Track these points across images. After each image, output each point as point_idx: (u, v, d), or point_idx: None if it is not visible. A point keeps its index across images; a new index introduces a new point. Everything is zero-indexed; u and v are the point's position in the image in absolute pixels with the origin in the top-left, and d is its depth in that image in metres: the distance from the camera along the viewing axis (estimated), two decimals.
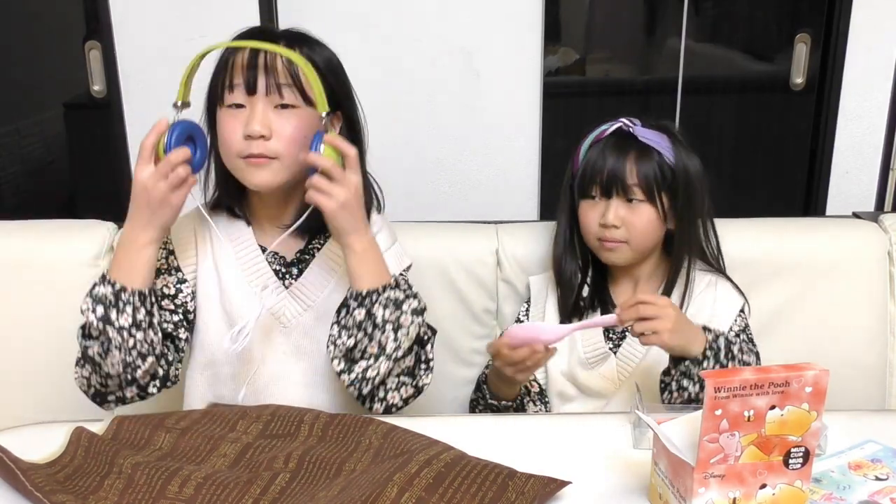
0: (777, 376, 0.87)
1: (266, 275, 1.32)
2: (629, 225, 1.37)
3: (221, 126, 1.25)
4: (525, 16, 2.06)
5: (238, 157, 1.24)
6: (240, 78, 1.22)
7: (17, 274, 1.53)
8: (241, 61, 1.22)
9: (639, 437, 1.09)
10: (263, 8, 2.01)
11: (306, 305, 1.31)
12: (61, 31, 2.23)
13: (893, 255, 1.57)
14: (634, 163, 1.36)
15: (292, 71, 1.22)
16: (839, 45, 2.07)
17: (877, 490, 0.99)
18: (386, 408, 1.24)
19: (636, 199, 1.36)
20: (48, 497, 0.95)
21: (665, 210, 1.37)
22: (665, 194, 1.37)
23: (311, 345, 1.31)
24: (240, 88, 1.22)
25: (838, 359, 1.49)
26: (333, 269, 1.32)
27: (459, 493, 0.94)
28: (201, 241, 1.34)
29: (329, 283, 1.32)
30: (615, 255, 1.40)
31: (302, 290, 1.32)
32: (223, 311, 1.31)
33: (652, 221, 1.37)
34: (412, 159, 2.17)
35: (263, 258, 1.32)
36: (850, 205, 2.14)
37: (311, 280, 1.32)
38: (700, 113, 2.22)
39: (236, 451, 1.06)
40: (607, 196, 1.37)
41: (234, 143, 1.23)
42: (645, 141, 1.37)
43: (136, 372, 1.23)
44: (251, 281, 1.31)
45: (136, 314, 1.20)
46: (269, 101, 1.22)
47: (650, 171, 1.36)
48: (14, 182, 2.38)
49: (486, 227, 1.62)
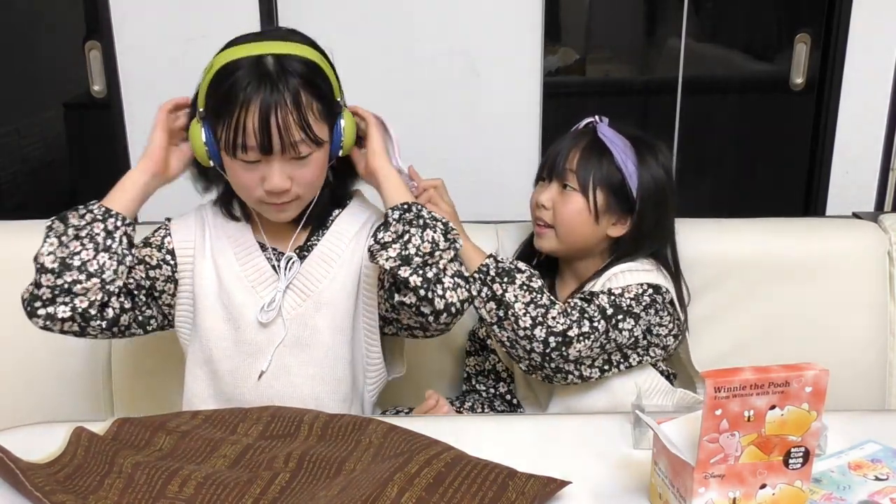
0: (777, 376, 0.87)
1: (265, 271, 1.32)
2: (557, 210, 1.39)
3: (235, 173, 1.25)
4: (525, 16, 2.06)
5: (259, 202, 1.27)
6: (253, 141, 1.20)
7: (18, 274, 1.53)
8: (253, 125, 1.19)
9: (639, 437, 1.09)
10: (263, 8, 2.01)
11: (305, 296, 1.32)
12: (61, 31, 2.23)
13: (893, 255, 1.57)
14: (579, 152, 1.37)
15: (303, 121, 1.21)
16: (839, 45, 2.07)
17: (877, 490, 0.99)
18: (446, 306, 1.21)
19: (570, 185, 1.37)
20: (48, 497, 0.95)
21: (597, 208, 1.37)
22: (602, 192, 1.36)
23: (310, 336, 1.31)
24: (254, 150, 1.21)
25: (838, 359, 1.48)
26: (333, 260, 1.33)
27: (459, 493, 0.94)
28: (200, 239, 1.35)
29: (328, 274, 1.32)
30: (542, 241, 1.43)
31: (301, 281, 1.32)
32: (222, 307, 1.32)
33: (580, 213, 1.37)
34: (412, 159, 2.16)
35: (262, 255, 1.33)
36: (850, 205, 2.14)
37: (309, 270, 1.32)
38: (700, 113, 2.22)
39: (236, 451, 1.06)
40: (549, 178, 1.40)
41: (255, 190, 1.25)
42: (601, 138, 1.37)
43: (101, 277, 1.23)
44: (250, 276, 1.32)
45: (112, 232, 1.26)
46: (285, 156, 1.23)
47: (591, 164, 1.36)
48: (14, 182, 2.38)
49: (486, 227, 1.62)
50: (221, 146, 1.24)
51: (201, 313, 1.33)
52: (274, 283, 1.31)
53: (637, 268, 1.39)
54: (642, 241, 1.40)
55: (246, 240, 1.34)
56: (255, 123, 1.19)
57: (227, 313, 1.31)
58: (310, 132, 1.22)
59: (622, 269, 1.39)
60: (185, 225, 1.36)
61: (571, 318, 1.28)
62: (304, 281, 1.32)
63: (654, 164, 1.38)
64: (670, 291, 1.40)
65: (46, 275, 1.24)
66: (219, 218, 1.36)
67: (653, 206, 1.38)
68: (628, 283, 1.36)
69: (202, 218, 1.36)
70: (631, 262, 1.40)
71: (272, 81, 1.19)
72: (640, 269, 1.39)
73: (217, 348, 1.32)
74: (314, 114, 1.22)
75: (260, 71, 1.19)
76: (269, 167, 1.22)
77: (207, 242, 1.34)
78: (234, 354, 1.31)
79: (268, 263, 1.33)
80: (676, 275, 1.45)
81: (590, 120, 1.42)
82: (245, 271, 1.32)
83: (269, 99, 1.18)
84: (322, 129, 1.25)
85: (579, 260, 1.44)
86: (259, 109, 1.18)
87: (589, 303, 1.32)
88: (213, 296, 1.33)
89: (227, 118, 1.20)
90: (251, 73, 1.19)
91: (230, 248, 1.33)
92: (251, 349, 1.31)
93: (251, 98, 1.18)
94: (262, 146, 1.20)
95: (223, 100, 1.20)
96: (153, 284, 1.33)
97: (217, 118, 1.22)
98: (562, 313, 1.28)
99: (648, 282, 1.37)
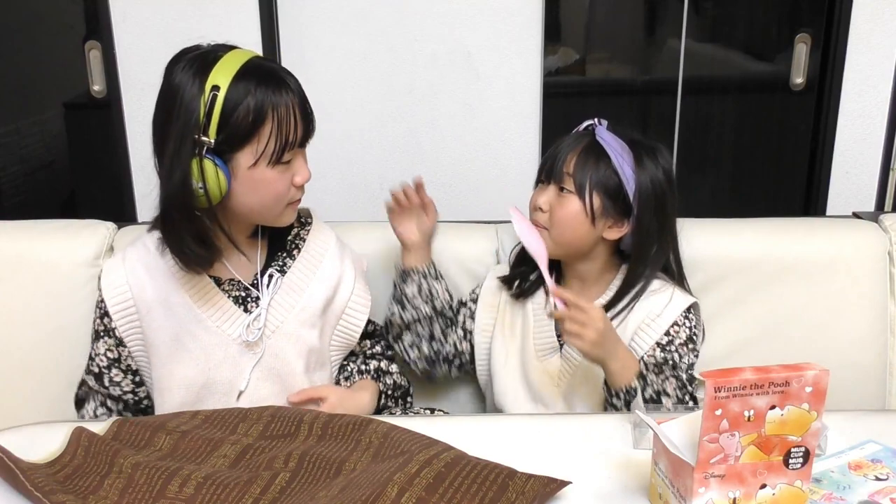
0: (777, 376, 0.87)
1: (224, 306, 1.30)
2: (553, 212, 1.38)
3: (270, 183, 1.23)
4: (525, 16, 2.06)
5: (284, 205, 1.28)
6: (301, 133, 1.23)
7: (17, 274, 1.53)
8: (296, 118, 1.21)
9: (639, 437, 1.09)
10: (263, 8, 2.01)
11: (273, 327, 1.32)
12: (61, 31, 2.23)
13: (893, 255, 1.57)
14: (577, 155, 1.37)
15: (306, 106, 1.24)
16: (839, 45, 2.07)
17: (877, 490, 0.99)
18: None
19: (566, 188, 1.37)
20: (48, 497, 0.95)
21: (593, 210, 1.36)
22: (599, 196, 1.36)
23: (283, 366, 1.32)
24: (294, 146, 1.23)
25: (838, 359, 1.49)
26: (302, 290, 1.33)
27: (459, 494, 0.94)
28: (139, 290, 1.31)
29: (297, 305, 1.33)
30: None
31: (270, 313, 1.31)
32: (185, 352, 1.30)
33: (576, 216, 1.37)
34: (412, 159, 2.17)
35: (218, 290, 1.31)
36: (850, 205, 2.14)
37: (278, 302, 1.32)
38: (700, 113, 2.22)
39: (236, 451, 1.06)
40: (547, 180, 1.40)
41: (286, 192, 1.26)
42: (600, 141, 1.37)
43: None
44: (211, 315, 1.30)
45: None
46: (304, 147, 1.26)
47: (589, 167, 1.36)
48: (14, 182, 2.38)
49: (486, 227, 1.62)
50: (254, 163, 1.20)
51: (161, 360, 1.31)
52: (237, 317, 1.30)
53: (663, 291, 1.41)
54: (646, 245, 1.40)
55: (195, 277, 1.29)
56: (299, 115, 1.21)
57: (191, 354, 1.30)
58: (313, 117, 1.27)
59: (655, 301, 1.39)
60: (116, 286, 1.32)
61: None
62: (271, 313, 1.31)
63: (652, 167, 1.38)
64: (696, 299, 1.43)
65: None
66: (156, 256, 1.30)
67: (651, 210, 1.38)
68: (673, 320, 1.38)
69: (134, 263, 1.32)
70: (654, 288, 1.40)
71: (284, 75, 1.22)
72: (665, 291, 1.41)
73: (188, 391, 1.31)
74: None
75: (269, 72, 1.21)
76: (297, 161, 1.25)
77: (147, 291, 1.31)
78: (205, 394, 1.31)
79: (226, 298, 1.31)
80: (680, 278, 1.45)
81: (589, 122, 1.42)
82: (205, 310, 1.30)
83: (298, 90, 1.22)
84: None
85: (579, 262, 1.44)
86: (298, 101, 1.21)
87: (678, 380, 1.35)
88: (173, 342, 1.30)
89: (265, 128, 1.18)
90: (266, 77, 1.20)
91: (182, 290, 1.29)
92: (223, 386, 1.30)
93: (286, 95, 1.20)
94: (304, 135, 1.23)
95: (256, 115, 1.18)
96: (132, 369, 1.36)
97: (245, 139, 1.19)
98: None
99: (687, 308, 1.40)
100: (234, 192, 1.23)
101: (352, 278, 1.39)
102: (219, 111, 1.16)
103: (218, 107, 1.16)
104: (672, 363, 1.37)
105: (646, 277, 1.40)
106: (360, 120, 2.11)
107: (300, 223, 1.40)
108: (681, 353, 1.38)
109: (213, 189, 1.20)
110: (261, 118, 1.18)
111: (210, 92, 1.16)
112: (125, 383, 1.36)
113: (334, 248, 1.39)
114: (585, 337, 1.25)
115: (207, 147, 1.17)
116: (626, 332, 1.39)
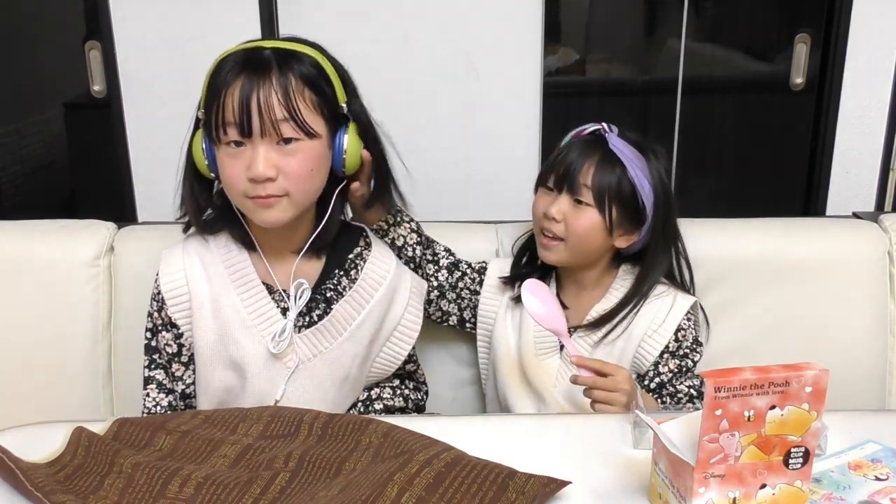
0: (777, 376, 0.87)
1: (271, 315, 1.28)
2: (570, 224, 1.36)
3: (222, 165, 1.21)
4: (525, 16, 2.06)
5: (244, 197, 1.21)
6: (232, 117, 1.17)
7: (17, 274, 1.53)
8: (233, 102, 1.16)
9: (639, 437, 1.09)
10: (263, 8, 2.01)
11: (316, 351, 1.29)
12: (61, 31, 2.23)
13: (893, 255, 1.57)
14: (594, 165, 1.35)
15: (289, 103, 1.17)
16: (839, 45, 2.07)
17: (877, 490, 0.99)
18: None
19: (584, 201, 1.35)
20: (48, 497, 0.95)
21: (612, 222, 1.35)
22: (616, 207, 1.35)
23: (317, 391, 1.29)
24: (233, 128, 1.17)
25: (838, 359, 1.49)
26: (353, 318, 1.30)
27: (459, 494, 0.94)
28: (195, 283, 1.29)
29: (344, 332, 1.30)
30: (551, 254, 1.40)
31: (315, 336, 1.29)
32: (227, 356, 1.28)
33: (594, 228, 1.36)
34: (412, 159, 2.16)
35: (269, 298, 1.28)
36: (850, 205, 2.14)
37: (327, 327, 1.29)
38: (700, 113, 2.22)
39: (236, 451, 1.06)
40: (559, 189, 1.37)
41: (239, 183, 1.19)
42: (613, 149, 1.36)
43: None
44: (258, 324, 1.27)
45: None
46: (269, 139, 1.18)
47: (606, 178, 1.34)
48: (14, 182, 2.38)
49: (486, 227, 1.62)
50: (210, 132, 1.20)
51: (205, 363, 1.29)
52: (282, 330, 1.27)
53: (666, 295, 1.41)
54: (658, 251, 1.40)
55: (248, 279, 1.28)
56: (234, 100, 1.16)
57: (233, 363, 1.28)
58: (297, 115, 1.17)
59: (658, 307, 1.40)
60: (174, 278, 1.29)
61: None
62: (317, 336, 1.29)
63: (656, 171, 1.38)
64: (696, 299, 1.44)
65: None
66: (213, 249, 1.29)
67: (661, 215, 1.38)
68: (678, 325, 1.39)
69: (193, 256, 1.30)
70: (657, 293, 1.41)
71: (259, 64, 1.18)
72: (668, 295, 1.41)
73: (221, 402, 1.29)
74: (305, 101, 1.19)
75: (249, 56, 1.19)
76: (254, 152, 1.18)
77: (204, 286, 1.28)
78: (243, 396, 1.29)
79: (276, 308, 1.28)
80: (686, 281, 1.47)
81: (596, 127, 1.40)
82: (252, 317, 1.27)
83: (253, 76, 1.16)
84: (316, 121, 1.20)
85: (581, 269, 1.44)
86: (241, 86, 1.16)
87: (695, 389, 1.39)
88: (216, 345, 1.28)
89: (214, 103, 1.18)
90: (241, 58, 1.19)
91: (233, 290, 1.27)
92: (252, 402, 1.27)
93: (235, 77, 1.17)
94: (241, 124, 1.16)
95: (213, 88, 1.19)
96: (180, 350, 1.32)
97: (208, 112, 1.20)
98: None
99: (689, 309, 1.40)
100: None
101: (404, 302, 1.35)
102: (205, 87, 1.21)
103: (205, 83, 1.21)
104: (686, 369, 1.38)
105: (652, 282, 1.41)
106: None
107: (365, 243, 1.36)
108: (692, 357, 1.40)
109: (198, 162, 1.25)
110: (217, 88, 1.18)
111: (211, 70, 1.22)
112: (187, 376, 1.32)
113: (391, 277, 1.34)
114: (615, 402, 1.26)
115: (199, 120, 1.23)
116: (630, 340, 1.39)
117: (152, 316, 1.32)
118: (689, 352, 1.40)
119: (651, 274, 1.41)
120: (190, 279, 1.29)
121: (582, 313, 1.43)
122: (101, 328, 1.53)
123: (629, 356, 1.39)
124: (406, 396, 1.43)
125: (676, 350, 1.39)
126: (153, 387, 1.33)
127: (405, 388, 1.44)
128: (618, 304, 1.40)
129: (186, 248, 1.31)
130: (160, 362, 1.33)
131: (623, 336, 1.39)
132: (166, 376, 1.33)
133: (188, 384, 1.33)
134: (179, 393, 1.33)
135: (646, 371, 1.39)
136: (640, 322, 1.39)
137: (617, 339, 1.40)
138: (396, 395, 1.42)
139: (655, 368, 1.38)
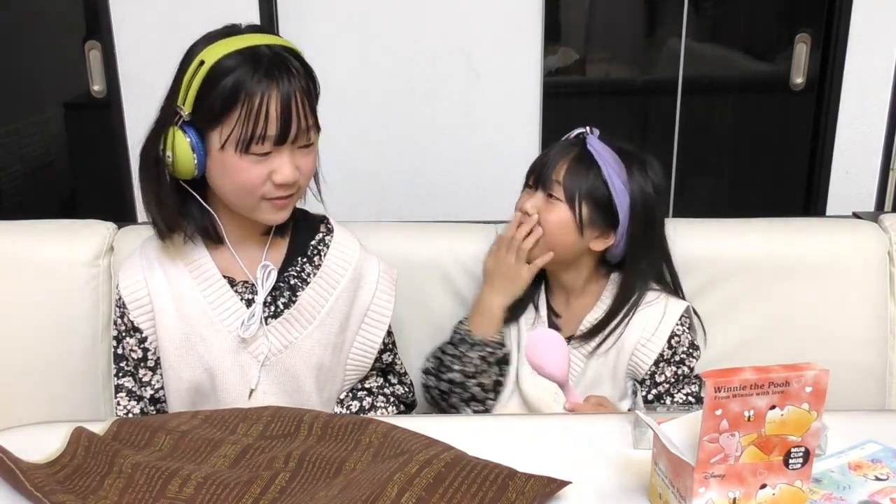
0: (777, 376, 0.87)
1: (236, 308, 1.28)
2: (542, 219, 1.38)
3: (237, 170, 1.20)
4: (525, 16, 2.06)
5: (260, 199, 1.22)
6: (274, 129, 1.17)
7: (17, 274, 1.53)
8: (276, 112, 1.16)
9: (639, 437, 1.09)
10: (263, 8, 2.01)
11: (286, 342, 1.29)
12: (61, 31, 2.23)
13: (893, 255, 1.57)
14: (568, 163, 1.36)
15: (312, 106, 1.20)
16: (839, 45, 2.07)
17: (877, 490, 0.99)
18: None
19: (555, 196, 1.37)
20: (48, 497, 0.95)
21: (582, 220, 1.36)
22: (587, 206, 1.36)
23: (292, 382, 1.30)
24: (270, 140, 1.18)
25: (838, 359, 1.48)
26: (321, 305, 1.30)
27: (459, 494, 0.94)
28: (155, 285, 1.29)
29: (313, 321, 1.30)
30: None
31: (284, 326, 1.29)
32: (195, 355, 1.28)
33: (565, 224, 1.37)
34: (412, 159, 2.17)
35: (232, 292, 1.29)
36: (850, 205, 2.14)
37: (295, 316, 1.29)
38: (700, 113, 2.22)
39: (236, 451, 1.06)
40: (535, 186, 1.40)
41: (258, 186, 1.20)
42: (590, 149, 1.37)
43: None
44: (223, 319, 1.28)
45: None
46: (295, 145, 1.20)
47: (578, 176, 1.35)
48: (14, 182, 2.38)
49: (486, 227, 1.62)
50: (222, 145, 1.18)
51: (171, 363, 1.29)
52: (250, 323, 1.27)
53: (657, 303, 1.40)
54: (637, 258, 1.40)
55: (209, 274, 1.28)
56: (277, 110, 1.16)
57: (202, 361, 1.28)
58: (317, 118, 1.22)
59: (650, 315, 1.39)
60: (134, 282, 1.29)
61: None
62: (285, 326, 1.29)
63: (641, 179, 1.38)
64: (689, 302, 1.43)
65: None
66: (169, 250, 1.29)
67: (641, 222, 1.38)
68: (671, 331, 1.38)
69: (151, 259, 1.30)
70: (648, 300, 1.40)
71: (281, 68, 1.17)
72: (660, 302, 1.40)
73: (193, 400, 1.29)
74: (314, 100, 1.23)
75: (264, 61, 1.18)
76: (280, 158, 1.19)
77: (164, 288, 1.28)
78: (212, 404, 1.28)
79: (240, 302, 1.28)
80: (675, 288, 1.46)
81: (581, 130, 1.41)
82: (217, 314, 1.28)
83: (288, 86, 1.17)
84: (316, 114, 1.24)
85: (564, 272, 1.44)
86: (281, 96, 1.16)
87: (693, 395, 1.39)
88: (182, 345, 1.28)
89: (233, 113, 1.16)
90: (255, 63, 1.17)
91: (195, 288, 1.28)
92: (229, 398, 1.28)
93: (268, 86, 1.16)
94: (282, 133, 1.17)
95: (228, 96, 1.16)
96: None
97: (216, 118, 1.18)
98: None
99: (681, 315, 1.40)
100: (210, 171, 1.22)
101: (372, 287, 1.35)
102: (197, 86, 1.18)
103: (197, 81, 1.18)
104: (683, 375, 1.37)
105: (639, 290, 1.41)
106: (360, 120, 2.11)
107: (327, 229, 1.36)
108: (688, 363, 1.40)
109: (181, 161, 1.20)
110: (231, 102, 1.16)
111: (196, 66, 1.18)
112: (155, 380, 1.33)
113: (356, 262, 1.34)
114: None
115: (182, 119, 1.19)
116: (623, 350, 1.39)
117: (116, 323, 1.33)
118: (685, 357, 1.40)
119: (633, 282, 1.41)
120: (150, 282, 1.29)
121: (575, 322, 1.43)
122: (101, 328, 1.53)
123: (623, 366, 1.39)
124: (395, 394, 1.43)
125: (671, 357, 1.39)
126: (123, 395, 1.34)
127: (390, 385, 1.44)
128: (606, 314, 1.40)
129: (144, 251, 1.32)
130: (127, 369, 1.34)
131: (615, 347, 1.39)
132: (135, 383, 1.34)
133: (157, 389, 1.33)
134: (149, 398, 1.33)
135: (643, 380, 1.39)
136: (632, 332, 1.39)
137: (609, 349, 1.39)
138: (390, 402, 1.42)
139: (652, 378, 1.38)
